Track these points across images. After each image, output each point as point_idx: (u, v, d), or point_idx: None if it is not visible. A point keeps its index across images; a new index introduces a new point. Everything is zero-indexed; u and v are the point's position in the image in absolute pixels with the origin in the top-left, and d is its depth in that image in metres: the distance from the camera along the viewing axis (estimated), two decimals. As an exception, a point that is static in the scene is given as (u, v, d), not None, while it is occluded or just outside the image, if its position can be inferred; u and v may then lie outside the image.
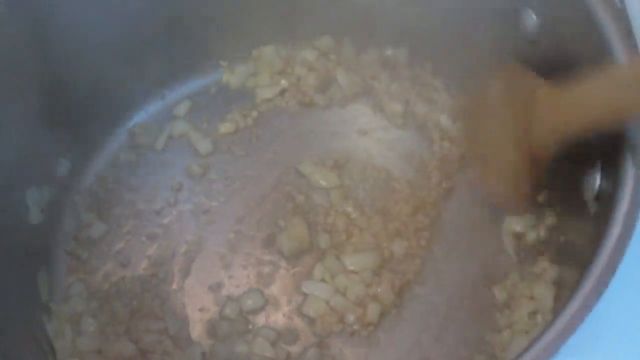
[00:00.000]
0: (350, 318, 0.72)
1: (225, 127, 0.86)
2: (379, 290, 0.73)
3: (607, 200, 0.56)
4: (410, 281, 0.75)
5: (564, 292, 0.66)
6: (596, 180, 0.60)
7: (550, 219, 0.73)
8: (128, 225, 0.81)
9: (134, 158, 0.85)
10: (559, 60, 0.65)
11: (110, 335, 0.73)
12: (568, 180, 0.67)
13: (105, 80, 0.81)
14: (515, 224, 0.75)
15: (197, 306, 0.75)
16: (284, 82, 0.88)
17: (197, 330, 0.74)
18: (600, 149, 0.60)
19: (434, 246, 0.77)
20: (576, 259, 0.62)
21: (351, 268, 0.75)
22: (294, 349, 0.73)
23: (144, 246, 0.79)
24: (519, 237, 0.75)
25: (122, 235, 0.80)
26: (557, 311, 0.52)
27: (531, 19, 0.68)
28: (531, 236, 0.74)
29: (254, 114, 0.87)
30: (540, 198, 0.73)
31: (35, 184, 0.77)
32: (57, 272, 0.78)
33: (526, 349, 0.48)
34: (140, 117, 0.87)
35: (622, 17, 0.63)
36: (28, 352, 0.69)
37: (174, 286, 0.76)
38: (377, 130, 0.85)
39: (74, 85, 0.78)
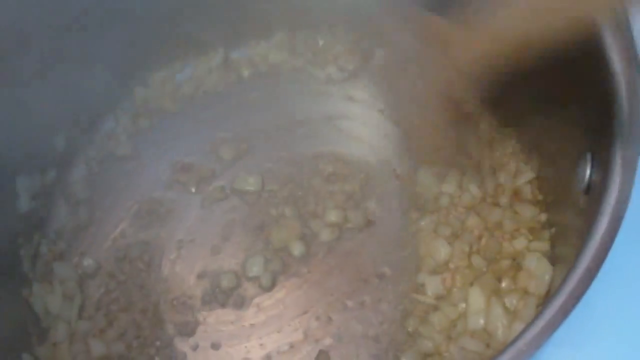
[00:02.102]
0: None
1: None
2: None
3: (597, 192, 0.56)
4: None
5: (554, 286, 0.66)
6: (586, 172, 0.60)
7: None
8: (116, 212, 0.80)
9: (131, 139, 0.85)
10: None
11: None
12: (558, 174, 0.67)
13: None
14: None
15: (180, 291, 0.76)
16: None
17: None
18: (590, 141, 0.60)
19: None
20: (567, 252, 0.62)
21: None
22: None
23: (132, 233, 0.79)
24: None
25: (110, 223, 0.80)
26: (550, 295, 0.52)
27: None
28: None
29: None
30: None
31: (26, 170, 0.76)
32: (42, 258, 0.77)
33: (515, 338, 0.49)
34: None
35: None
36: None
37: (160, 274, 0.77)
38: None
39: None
